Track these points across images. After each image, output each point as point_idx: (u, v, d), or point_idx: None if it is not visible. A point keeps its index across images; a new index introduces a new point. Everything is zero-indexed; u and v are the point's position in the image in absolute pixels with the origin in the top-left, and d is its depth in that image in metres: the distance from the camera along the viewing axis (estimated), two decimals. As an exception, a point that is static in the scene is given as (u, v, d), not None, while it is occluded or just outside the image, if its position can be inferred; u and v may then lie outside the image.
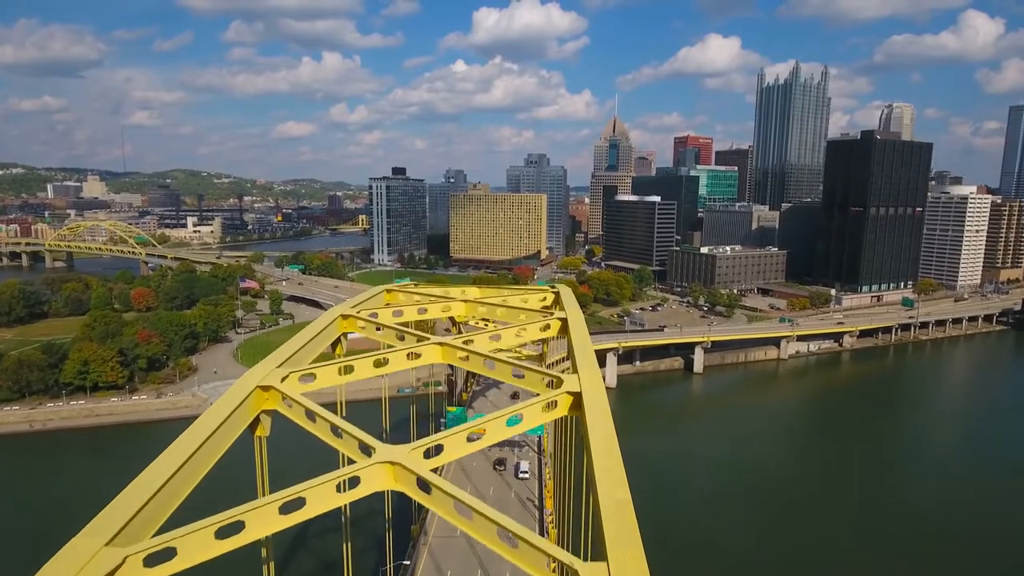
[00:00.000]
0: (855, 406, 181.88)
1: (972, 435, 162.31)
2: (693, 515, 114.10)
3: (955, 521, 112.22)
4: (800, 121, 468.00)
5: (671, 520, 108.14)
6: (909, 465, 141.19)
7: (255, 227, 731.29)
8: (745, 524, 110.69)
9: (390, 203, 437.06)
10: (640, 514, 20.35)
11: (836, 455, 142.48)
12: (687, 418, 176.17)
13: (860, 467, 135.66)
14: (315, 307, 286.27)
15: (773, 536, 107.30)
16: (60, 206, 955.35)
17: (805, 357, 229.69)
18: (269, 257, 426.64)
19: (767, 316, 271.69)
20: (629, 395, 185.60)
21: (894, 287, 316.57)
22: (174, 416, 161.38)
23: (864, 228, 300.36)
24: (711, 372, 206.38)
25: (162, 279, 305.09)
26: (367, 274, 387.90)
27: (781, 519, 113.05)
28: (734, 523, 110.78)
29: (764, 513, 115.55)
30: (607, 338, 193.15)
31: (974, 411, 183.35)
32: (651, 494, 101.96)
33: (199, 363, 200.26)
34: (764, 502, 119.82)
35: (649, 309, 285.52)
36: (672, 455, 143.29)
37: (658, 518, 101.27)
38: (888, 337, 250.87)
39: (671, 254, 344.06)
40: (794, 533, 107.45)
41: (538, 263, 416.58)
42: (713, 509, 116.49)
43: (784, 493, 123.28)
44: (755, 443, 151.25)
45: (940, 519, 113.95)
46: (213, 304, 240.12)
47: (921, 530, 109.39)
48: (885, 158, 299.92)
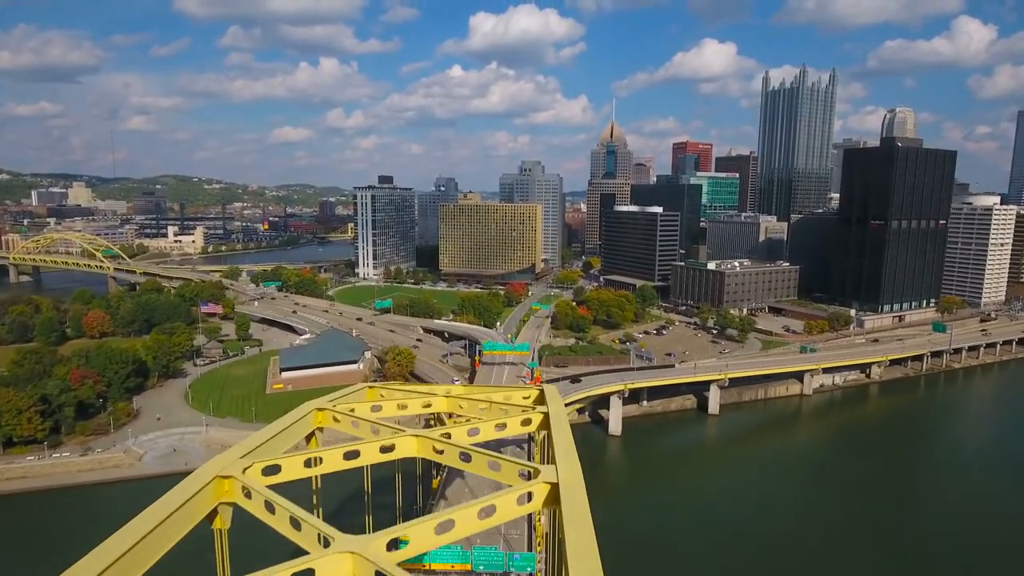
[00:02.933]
0: (894, 454, 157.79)
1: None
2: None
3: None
4: (807, 126, 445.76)
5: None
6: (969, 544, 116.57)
7: (239, 236, 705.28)
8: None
9: (376, 214, 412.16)
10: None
11: (883, 523, 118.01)
12: (702, 470, 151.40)
13: (913, 541, 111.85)
14: (288, 331, 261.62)
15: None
16: (41, 213, 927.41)
17: (830, 391, 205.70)
18: (249, 271, 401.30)
19: (783, 340, 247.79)
20: (635, 443, 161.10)
21: (916, 306, 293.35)
22: (102, 480, 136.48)
23: (885, 243, 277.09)
24: (727, 411, 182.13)
25: (121, 300, 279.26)
26: (348, 290, 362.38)
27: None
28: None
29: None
30: (611, 378, 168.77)
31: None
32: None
33: (143, 406, 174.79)
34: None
35: (653, 332, 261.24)
36: (685, 519, 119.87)
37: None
38: (918, 365, 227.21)
39: (675, 269, 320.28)
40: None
41: (533, 277, 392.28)
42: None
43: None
44: (784, 505, 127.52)
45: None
46: (168, 332, 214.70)
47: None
48: (907, 167, 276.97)
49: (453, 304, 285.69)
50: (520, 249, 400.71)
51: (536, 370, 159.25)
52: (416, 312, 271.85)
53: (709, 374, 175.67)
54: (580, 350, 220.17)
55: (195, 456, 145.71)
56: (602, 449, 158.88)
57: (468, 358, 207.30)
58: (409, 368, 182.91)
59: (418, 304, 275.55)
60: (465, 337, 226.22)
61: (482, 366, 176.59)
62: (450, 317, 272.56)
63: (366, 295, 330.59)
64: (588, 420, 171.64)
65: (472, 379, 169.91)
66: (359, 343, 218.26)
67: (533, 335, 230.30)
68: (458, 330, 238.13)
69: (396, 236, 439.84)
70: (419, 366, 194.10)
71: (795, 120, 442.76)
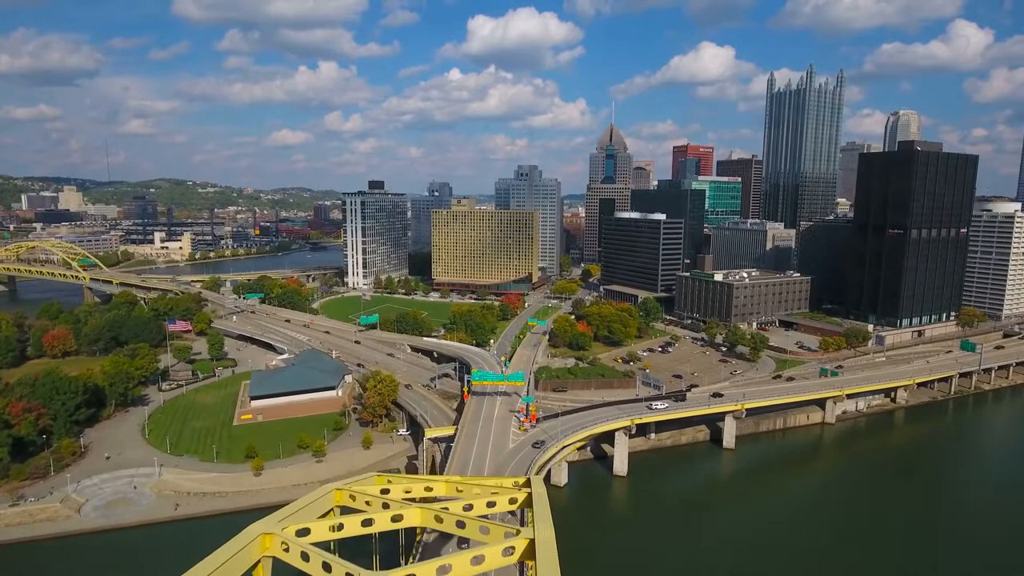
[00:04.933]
0: (932, 494, 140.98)
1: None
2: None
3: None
4: (814, 129, 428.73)
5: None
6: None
7: (229, 242, 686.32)
8: None
9: (366, 221, 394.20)
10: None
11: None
12: (719, 517, 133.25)
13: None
14: (268, 349, 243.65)
15: None
16: (28, 218, 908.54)
17: (853, 418, 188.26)
18: (233, 281, 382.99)
19: (798, 359, 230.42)
20: (643, 485, 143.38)
21: (935, 319, 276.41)
22: (32, 536, 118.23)
23: (904, 253, 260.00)
24: (743, 443, 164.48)
25: (90, 315, 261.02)
26: (335, 302, 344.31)
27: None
28: None
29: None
30: (615, 412, 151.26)
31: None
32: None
33: (94, 441, 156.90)
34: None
35: (658, 350, 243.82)
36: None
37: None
38: (946, 387, 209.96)
39: (679, 281, 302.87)
40: None
41: (529, 287, 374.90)
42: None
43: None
44: (816, 556, 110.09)
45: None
46: (130, 354, 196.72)
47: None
48: (927, 173, 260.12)
49: (445, 318, 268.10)
50: (516, 258, 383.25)
51: (532, 406, 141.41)
52: (404, 328, 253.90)
53: (725, 405, 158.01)
54: (580, 373, 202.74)
55: (144, 505, 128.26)
56: (606, 493, 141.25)
57: (458, 382, 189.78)
58: (391, 397, 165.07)
59: (406, 320, 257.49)
60: (455, 359, 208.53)
61: (471, 397, 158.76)
62: (440, 333, 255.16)
63: (353, 307, 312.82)
64: (590, 456, 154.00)
65: (460, 413, 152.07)
66: (339, 366, 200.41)
67: (529, 356, 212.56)
68: (448, 350, 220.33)
69: (387, 244, 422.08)
70: (403, 392, 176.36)
71: (802, 123, 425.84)
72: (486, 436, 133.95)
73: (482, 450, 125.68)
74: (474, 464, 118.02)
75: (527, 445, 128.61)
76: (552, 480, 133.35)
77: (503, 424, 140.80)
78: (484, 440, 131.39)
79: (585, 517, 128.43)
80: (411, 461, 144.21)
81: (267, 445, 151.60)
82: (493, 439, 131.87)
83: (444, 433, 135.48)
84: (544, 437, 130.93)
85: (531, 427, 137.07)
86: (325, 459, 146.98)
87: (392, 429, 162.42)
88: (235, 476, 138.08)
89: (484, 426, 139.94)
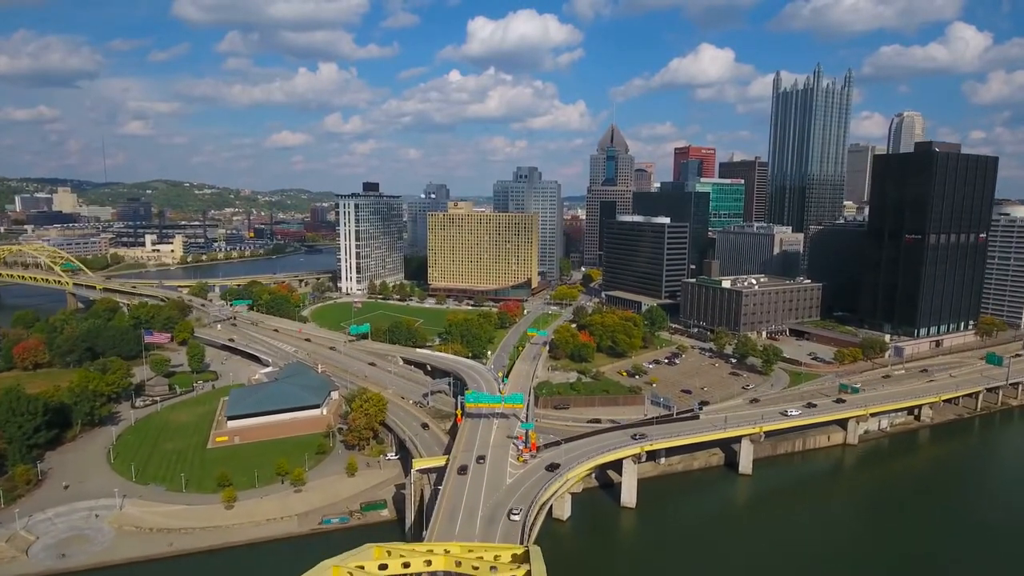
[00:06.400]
0: (966, 523, 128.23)
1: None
2: None
3: None
4: (822, 130, 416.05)
5: None
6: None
7: (222, 245, 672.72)
8: None
9: (359, 224, 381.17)
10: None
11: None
12: (738, 552, 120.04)
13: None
14: (253, 360, 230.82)
15: None
16: (21, 220, 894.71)
17: (876, 438, 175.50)
18: (222, 286, 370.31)
19: (814, 372, 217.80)
20: (652, 515, 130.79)
21: (954, 328, 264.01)
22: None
23: (923, 259, 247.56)
24: (760, 467, 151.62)
25: (65, 324, 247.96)
26: (327, 309, 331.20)
27: None
28: None
29: None
30: (622, 438, 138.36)
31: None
32: None
33: (55, 466, 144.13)
34: None
35: (665, 362, 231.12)
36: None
37: None
38: (971, 403, 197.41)
39: (685, 287, 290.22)
40: None
41: (528, 293, 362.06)
42: None
43: None
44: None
45: None
46: (101, 368, 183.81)
47: None
48: (947, 175, 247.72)
49: (440, 326, 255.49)
50: (515, 262, 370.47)
51: (532, 434, 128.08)
52: (396, 338, 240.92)
53: (742, 429, 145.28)
54: (583, 388, 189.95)
55: (101, 544, 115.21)
56: (613, 527, 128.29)
57: (453, 398, 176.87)
58: (379, 418, 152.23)
59: (399, 329, 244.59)
60: (450, 373, 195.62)
61: (465, 420, 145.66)
62: (436, 342, 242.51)
63: (346, 314, 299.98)
64: (596, 484, 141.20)
65: (453, 437, 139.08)
66: (325, 381, 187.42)
67: (528, 370, 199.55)
68: (442, 363, 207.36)
69: (382, 248, 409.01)
70: (392, 411, 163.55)
71: (809, 123, 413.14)
72: (480, 468, 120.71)
73: (476, 486, 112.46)
74: (467, 505, 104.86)
75: (527, 480, 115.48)
76: (554, 513, 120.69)
77: (500, 453, 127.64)
78: (479, 474, 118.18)
79: (591, 556, 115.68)
80: (399, 491, 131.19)
81: (242, 471, 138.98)
82: (489, 472, 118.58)
83: (434, 464, 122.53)
84: (540, 481, 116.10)
85: (531, 458, 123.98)
86: (305, 488, 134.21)
87: (380, 453, 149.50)
88: (204, 509, 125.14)
89: (478, 455, 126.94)
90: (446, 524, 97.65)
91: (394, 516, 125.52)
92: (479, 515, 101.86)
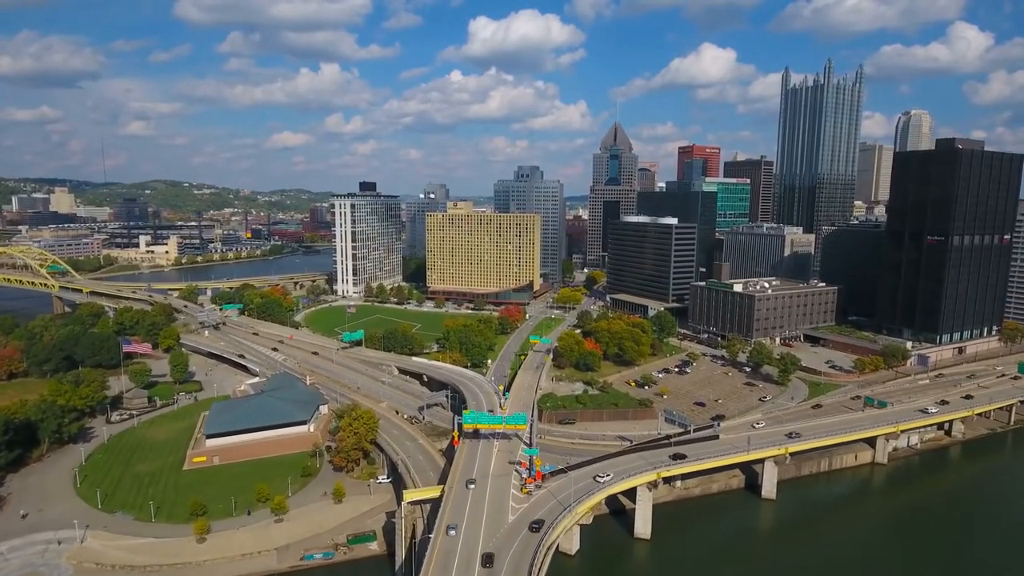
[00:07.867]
0: (1011, 548, 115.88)
1: None
2: None
3: None
4: (832, 128, 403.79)
5: None
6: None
7: (217, 246, 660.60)
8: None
9: (356, 225, 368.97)
10: None
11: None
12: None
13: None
14: (241, 369, 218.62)
15: None
16: (16, 220, 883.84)
17: (906, 456, 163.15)
18: (214, 289, 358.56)
19: (834, 383, 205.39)
20: (668, 547, 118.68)
21: (977, 334, 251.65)
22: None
23: (946, 261, 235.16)
24: (784, 490, 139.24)
25: (44, 330, 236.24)
26: (321, 313, 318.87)
27: None
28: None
29: None
30: (635, 460, 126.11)
31: None
32: None
33: (15, 491, 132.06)
34: None
35: (675, 371, 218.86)
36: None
37: None
38: (1004, 416, 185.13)
39: (694, 291, 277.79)
40: None
41: (530, 297, 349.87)
42: None
43: None
44: None
45: None
46: (74, 380, 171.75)
47: None
48: (971, 174, 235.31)
49: (438, 330, 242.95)
50: (516, 264, 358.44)
51: (537, 461, 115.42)
52: (392, 345, 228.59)
53: (766, 450, 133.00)
54: (590, 401, 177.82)
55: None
56: (626, 562, 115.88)
57: (451, 412, 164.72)
58: (370, 437, 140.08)
59: (395, 335, 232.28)
60: (448, 384, 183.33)
61: (463, 443, 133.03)
62: (433, 349, 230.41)
63: (340, 319, 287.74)
64: (606, 511, 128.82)
65: (450, 461, 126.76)
66: (314, 395, 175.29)
67: (531, 382, 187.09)
68: (440, 374, 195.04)
69: (380, 249, 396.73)
70: (385, 428, 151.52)
71: (819, 121, 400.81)
72: (479, 502, 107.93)
73: (474, 525, 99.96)
74: (464, 547, 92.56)
75: (531, 517, 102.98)
76: (561, 547, 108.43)
77: (501, 483, 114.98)
78: (477, 508, 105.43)
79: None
80: (390, 520, 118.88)
81: (220, 496, 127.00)
82: (488, 507, 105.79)
83: (427, 496, 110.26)
84: (546, 515, 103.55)
85: (535, 488, 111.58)
86: (287, 517, 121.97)
87: (370, 475, 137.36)
88: (173, 542, 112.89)
89: (478, 486, 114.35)
90: (439, 574, 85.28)
91: (384, 550, 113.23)
92: (477, 562, 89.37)
